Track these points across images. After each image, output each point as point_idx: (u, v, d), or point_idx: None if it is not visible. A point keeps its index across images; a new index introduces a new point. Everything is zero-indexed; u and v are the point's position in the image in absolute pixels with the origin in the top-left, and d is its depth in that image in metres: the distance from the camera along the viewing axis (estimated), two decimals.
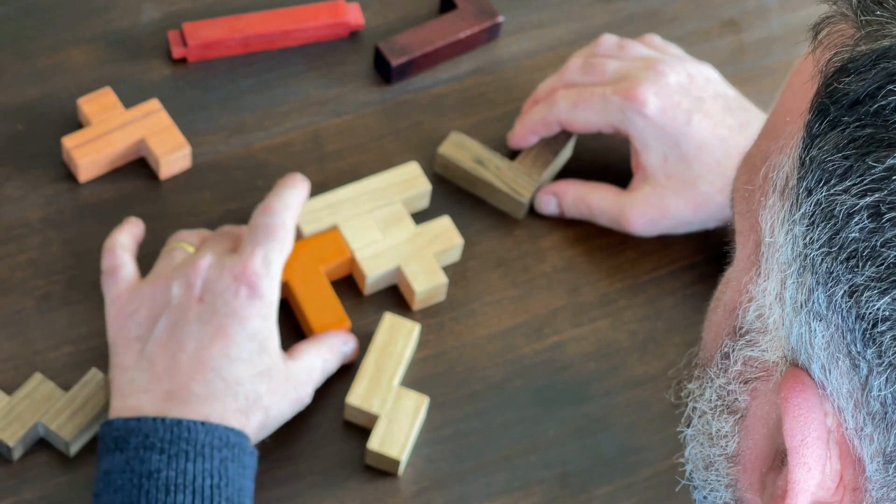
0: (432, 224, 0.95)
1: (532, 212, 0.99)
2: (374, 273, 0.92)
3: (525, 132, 0.99)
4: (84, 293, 0.91)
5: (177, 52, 1.02)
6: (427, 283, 0.93)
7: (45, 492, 0.85)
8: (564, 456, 0.89)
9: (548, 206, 0.98)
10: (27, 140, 0.97)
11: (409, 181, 0.96)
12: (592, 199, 0.97)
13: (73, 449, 0.85)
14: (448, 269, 0.95)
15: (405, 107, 1.03)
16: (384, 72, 1.03)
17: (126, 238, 0.90)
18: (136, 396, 0.82)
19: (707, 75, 0.97)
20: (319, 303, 0.91)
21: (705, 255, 0.98)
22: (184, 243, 0.90)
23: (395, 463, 0.86)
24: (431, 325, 0.93)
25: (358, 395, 0.88)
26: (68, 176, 0.96)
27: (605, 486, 0.89)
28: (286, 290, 0.91)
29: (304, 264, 0.91)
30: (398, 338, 0.90)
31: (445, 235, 0.95)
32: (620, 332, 0.95)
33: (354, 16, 1.05)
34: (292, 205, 0.90)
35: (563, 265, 0.97)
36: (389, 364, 0.89)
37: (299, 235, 0.93)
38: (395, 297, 0.94)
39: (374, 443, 0.86)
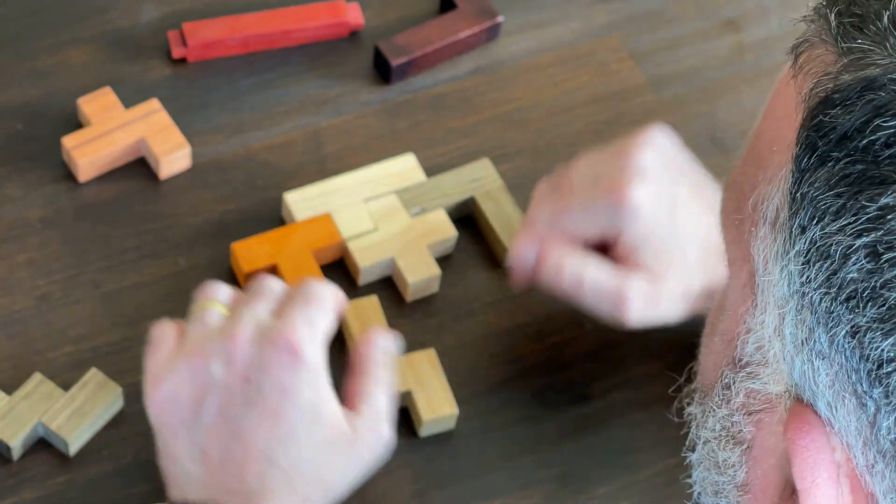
0: (426, 216, 0.95)
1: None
2: (367, 264, 0.92)
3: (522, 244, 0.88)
4: (84, 293, 0.91)
5: (177, 52, 1.02)
6: (420, 274, 0.93)
7: (45, 492, 0.85)
8: (564, 456, 0.89)
9: (526, 256, 0.87)
10: (27, 140, 0.97)
11: (404, 173, 0.96)
12: (587, 271, 0.85)
13: (73, 449, 0.85)
14: (448, 269, 0.95)
15: (405, 107, 1.03)
16: (384, 72, 1.03)
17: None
18: (194, 490, 0.77)
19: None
20: None
21: None
22: (216, 303, 0.81)
23: (453, 417, 0.88)
24: (431, 325, 0.93)
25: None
26: (68, 176, 0.96)
27: (605, 486, 0.89)
28: (275, 272, 0.91)
29: (294, 247, 0.91)
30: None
31: (439, 227, 0.95)
32: (620, 332, 0.95)
33: (354, 16, 1.05)
34: (332, 298, 0.83)
35: None
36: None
37: (291, 221, 0.94)
38: (388, 288, 0.94)
39: (426, 412, 0.87)
